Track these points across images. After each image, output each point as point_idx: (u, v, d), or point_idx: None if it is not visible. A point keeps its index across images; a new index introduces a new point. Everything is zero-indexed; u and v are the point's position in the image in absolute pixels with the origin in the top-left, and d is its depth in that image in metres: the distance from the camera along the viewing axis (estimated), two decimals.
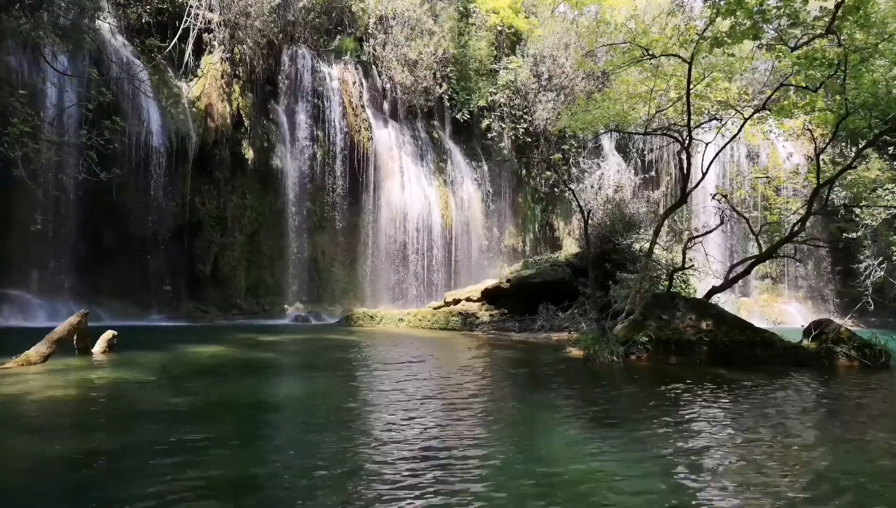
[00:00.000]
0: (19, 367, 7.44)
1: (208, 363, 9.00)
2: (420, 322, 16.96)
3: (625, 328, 10.43)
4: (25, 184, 12.91)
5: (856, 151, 12.91)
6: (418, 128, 24.11)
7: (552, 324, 15.07)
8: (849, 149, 19.92)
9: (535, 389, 7.48)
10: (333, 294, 21.25)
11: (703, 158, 12.87)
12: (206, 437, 4.67)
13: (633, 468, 4.10)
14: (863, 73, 10.46)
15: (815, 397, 7.31)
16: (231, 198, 19.32)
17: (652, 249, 12.68)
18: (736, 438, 4.99)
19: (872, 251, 20.88)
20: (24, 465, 3.96)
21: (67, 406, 5.77)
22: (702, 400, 6.69)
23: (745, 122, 12.66)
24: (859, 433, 5.34)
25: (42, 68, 14.97)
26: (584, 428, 5.30)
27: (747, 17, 10.00)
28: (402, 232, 22.20)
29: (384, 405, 6.23)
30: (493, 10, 25.38)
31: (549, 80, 24.85)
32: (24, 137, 11.43)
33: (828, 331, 10.15)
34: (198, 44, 19.11)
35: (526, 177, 26.23)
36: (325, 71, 21.68)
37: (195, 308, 18.08)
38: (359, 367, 9.24)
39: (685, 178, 13.01)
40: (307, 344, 12.32)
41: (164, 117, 17.60)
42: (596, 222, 16.70)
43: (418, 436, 4.79)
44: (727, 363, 9.32)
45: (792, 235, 12.66)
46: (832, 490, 3.79)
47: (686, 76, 11.36)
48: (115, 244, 16.96)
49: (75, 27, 13.39)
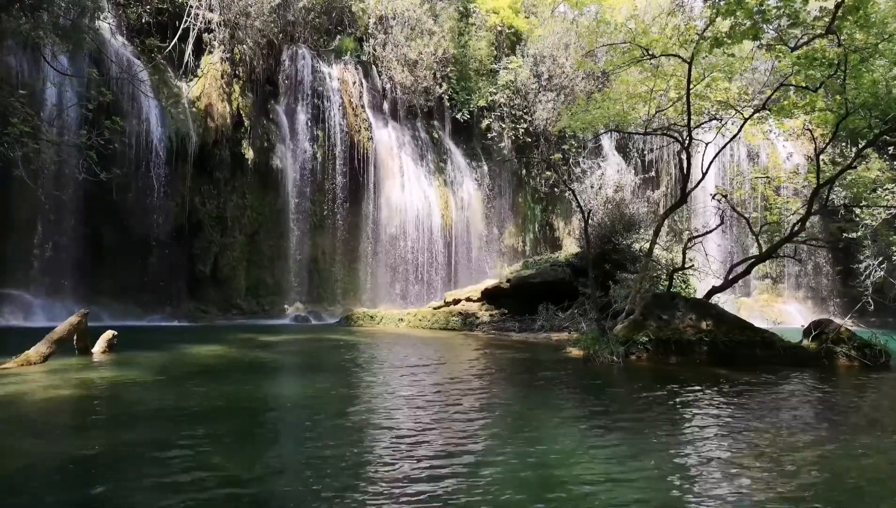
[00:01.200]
0: (19, 367, 7.44)
1: (208, 363, 9.00)
2: (420, 322, 16.96)
3: (625, 328, 10.43)
4: (25, 184, 12.91)
5: (856, 151, 12.91)
6: (418, 128, 24.11)
7: (552, 324, 15.07)
8: (849, 149, 19.93)
9: (534, 389, 7.48)
10: (333, 294, 21.25)
11: (703, 158, 12.86)
12: (207, 437, 4.68)
13: (633, 468, 4.11)
14: (863, 73, 10.46)
15: (815, 397, 7.31)
16: (231, 198, 19.31)
17: (652, 249, 12.68)
18: (736, 438, 4.99)
19: (872, 251, 20.87)
20: (24, 465, 3.95)
21: (67, 406, 5.77)
22: (702, 400, 6.69)
23: (745, 122, 12.66)
24: (859, 434, 5.34)
25: (42, 68, 14.97)
26: (584, 428, 5.29)
27: (747, 18, 9.99)
28: (402, 232, 22.20)
29: (383, 404, 6.22)
30: (493, 10, 25.38)
31: (549, 80, 24.85)
32: (24, 137, 11.43)
33: (828, 331, 10.15)
34: (198, 44, 19.11)
35: (526, 177, 26.23)
36: (325, 71, 21.68)
37: (195, 308, 18.07)
38: (358, 367, 9.24)
39: (685, 178, 13.01)
40: (307, 344, 12.32)
41: (164, 117, 17.60)
42: (596, 222, 16.70)
43: (418, 435, 4.79)
44: (727, 363, 9.32)
45: (792, 235, 12.65)
46: (832, 490, 3.79)
47: (686, 76, 11.36)
48: (115, 244, 16.95)
49: (75, 27, 13.38)
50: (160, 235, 17.52)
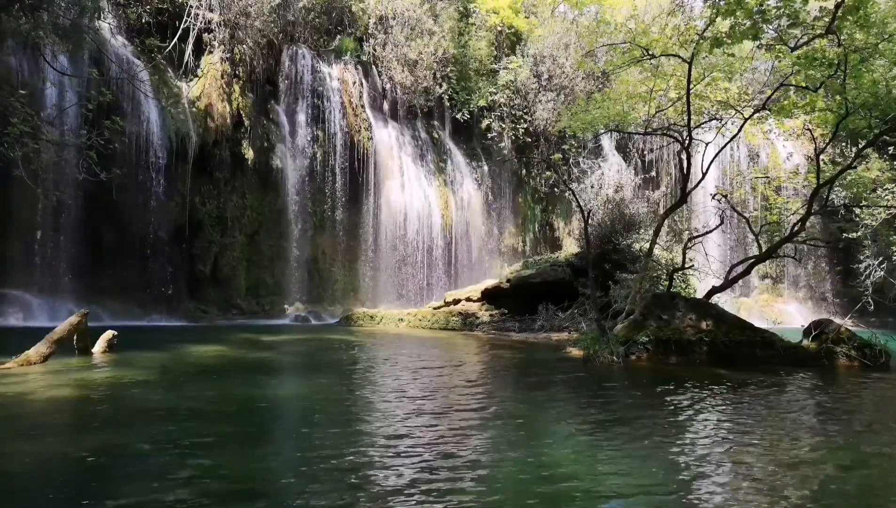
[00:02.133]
0: (19, 367, 7.44)
1: (208, 363, 9.00)
2: (420, 322, 16.96)
3: (625, 328, 10.43)
4: (25, 184, 12.91)
5: (856, 151, 12.91)
6: (418, 128, 24.11)
7: (552, 324, 15.07)
8: (849, 149, 19.93)
9: (534, 389, 7.48)
10: (333, 294, 21.26)
11: (703, 158, 12.86)
12: (207, 437, 4.68)
13: (633, 467, 4.10)
14: (863, 73, 10.46)
15: (815, 397, 7.31)
16: (231, 198, 19.32)
17: (652, 249, 12.68)
18: (736, 438, 4.99)
19: (872, 251, 20.88)
20: (24, 465, 3.95)
21: (67, 406, 5.77)
22: (701, 400, 6.69)
23: (745, 122, 12.66)
24: (859, 435, 5.34)
25: (42, 68, 14.96)
26: (584, 428, 5.29)
27: (747, 18, 9.99)
28: (402, 232, 22.20)
29: (383, 404, 6.22)
30: (493, 10, 25.38)
31: (549, 80, 24.85)
32: (24, 137, 11.42)
33: (828, 331, 10.14)
34: (198, 44, 19.11)
35: (526, 177, 26.22)
36: (325, 71, 21.68)
37: (195, 308, 18.08)
38: (358, 367, 9.24)
39: (685, 178, 13.01)
40: (307, 344, 12.32)
41: (164, 117, 17.60)
42: (596, 222, 16.70)
43: (418, 435, 4.79)
44: (727, 363, 9.32)
45: (792, 235, 12.65)
46: (832, 490, 3.79)
47: (686, 76, 11.36)
48: (115, 244, 16.96)
49: (75, 27, 13.38)
50: (160, 235, 17.52)
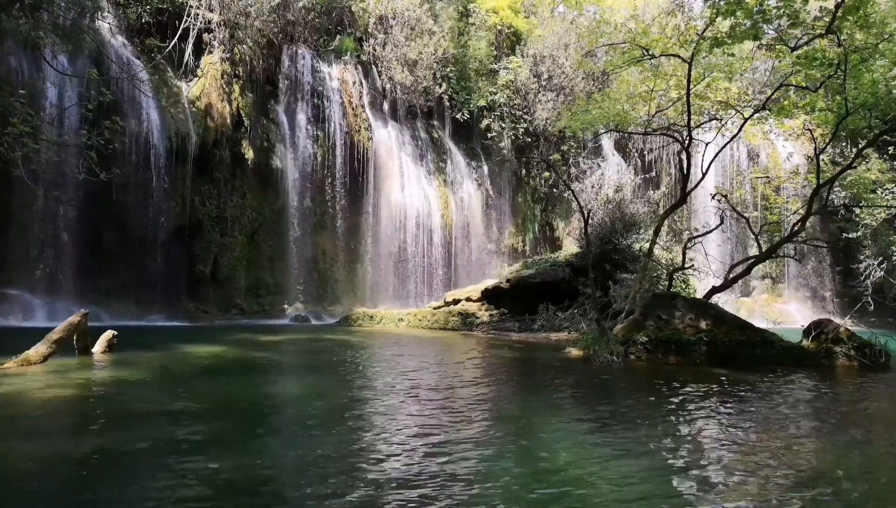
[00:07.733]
0: (19, 367, 7.44)
1: (208, 363, 9.00)
2: (420, 322, 16.96)
3: (624, 328, 10.43)
4: (25, 184, 12.92)
5: (856, 151, 12.92)
6: (418, 128, 24.12)
7: (552, 324, 15.06)
8: (849, 149, 19.95)
9: (534, 389, 7.48)
10: (333, 294, 21.26)
11: (703, 158, 12.87)
12: (206, 437, 4.68)
13: (633, 468, 4.10)
14: (863, 73, 10.46)
15: (815, 397, 7.31)
16: (231, 198, 19.32)
17: (652, 249, 12.68)
18: (735, 438, 4.99)
19: (872, 251, 20.89)
20: (24, 465, 3.95)
21: (67, 406, 5.77)
22: (701, 400, 6.68)
23: (745, 122, 12.67)
24: (858, 434, 5.34)
25: (42, 68, 14.98)
26: (584, 428, 5.29)
27: (747, 18, 10.00)
28: (402, 232, 22.21)
29: (383, 404, 6.22)
30: (492, 10, 25.39)
31: (548, 80, 24.86)
32: (24, 137, 11.43)
33: (827, 331, 10.14)
34: (198, 44, 19.12)
35: (526, 177, 26.23)
36: (325, 71, 21.69)
37: (195, 308, 18.08)
38: (358, 367, 9.24)
39: (685, 178, 13.02)
40: (307, 344, 12.32)
41: (164, 117, 17.60)
42: (596, 222, 16.70)
43: (417, 436, 4.79)
44: (727, 363, 9.32)
45: (792, 235, 12.67)
46: (831, 490, 3.79)
47: (686, 76, 11.36)
48: (115, 244, 16.96)
49: (75, 27, 13.40)
50: (160, 235, 17.52)
